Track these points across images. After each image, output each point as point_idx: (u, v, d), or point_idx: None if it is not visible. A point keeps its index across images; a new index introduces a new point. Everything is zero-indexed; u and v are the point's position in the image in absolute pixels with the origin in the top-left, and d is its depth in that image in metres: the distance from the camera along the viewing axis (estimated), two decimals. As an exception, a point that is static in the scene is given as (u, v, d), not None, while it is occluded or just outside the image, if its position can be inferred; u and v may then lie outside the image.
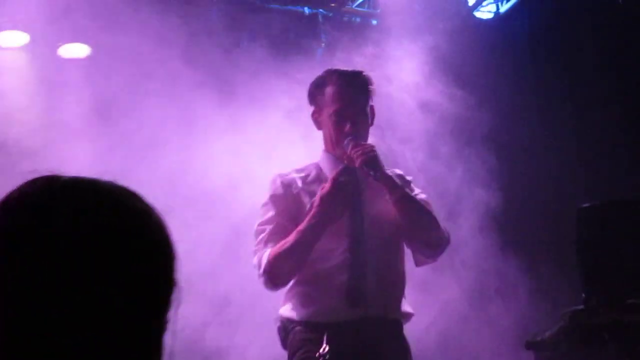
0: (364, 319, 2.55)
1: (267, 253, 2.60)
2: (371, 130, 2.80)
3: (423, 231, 2.65)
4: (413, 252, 2.75)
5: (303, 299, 2.63)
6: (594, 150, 4.42)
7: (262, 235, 2.66)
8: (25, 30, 4.07)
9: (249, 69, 3.92)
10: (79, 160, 3.75)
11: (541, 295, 4.20)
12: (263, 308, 3.32)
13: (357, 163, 2.60)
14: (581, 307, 2.75)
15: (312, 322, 2.58)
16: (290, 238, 2.58)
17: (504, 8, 4.49)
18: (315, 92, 2.79)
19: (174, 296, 0.99)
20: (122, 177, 2.93)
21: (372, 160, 2.60)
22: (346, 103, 2.71)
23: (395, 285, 2.68)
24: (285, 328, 2.65)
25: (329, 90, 2.74)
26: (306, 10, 4.11)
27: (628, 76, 4.21)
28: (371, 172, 2.58)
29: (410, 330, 3.32)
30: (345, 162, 2.69)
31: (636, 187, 3.97)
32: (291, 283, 2.67)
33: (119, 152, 3.81)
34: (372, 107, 2.79)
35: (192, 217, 3.77)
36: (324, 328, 2.51)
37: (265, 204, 2.73)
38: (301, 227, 2.57)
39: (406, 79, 4.12)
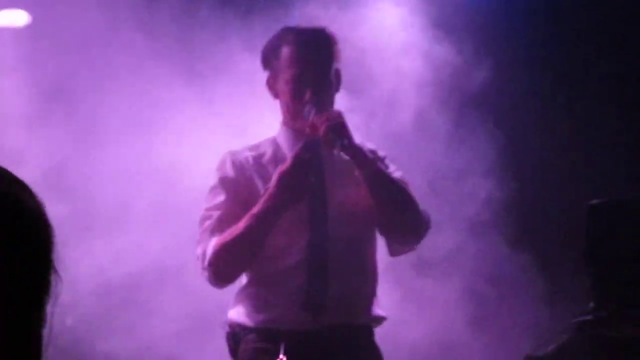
0: (327, 327, 2.54)
1: (212, 242, 2.57)
2: (338, 98, 2.76)
3: (399, 213, 2.61)
4: (387, 240, 2.72)
5: (257, 302, 2.60)
6: (610, 136, 4.50)
7: (209, 222, 2.63)
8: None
9: (212, 37, 3.97)
10: (23, 150, 3.82)
11: (555, 300, 4.27)
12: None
13: (322, 130, 2.53)
14: (589, 317, 2.81)
15: (267, 330, 2.56)
16: (241, 224, 2.53)
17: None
18: (269, 55, 2.76)
19: (53, 282, 1.03)
20: (75, 169, 2.97)
21: (340, 126, 2.55)
22: (305, 66, 2.66)
23: (364, 286, 2.66)
24: (236, 335, 2.63)
25: (285, 51, 2.69)
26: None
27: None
28: (338, 141, 2.52)
29: (409, 340, 3.40)
30: (308, 130, 2.61)
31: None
32: (244, 282, 2.65)
33: (69, 139, 3.84)
34: (337, 71, 2.75)
35: (158, 216, 3.83)
36: (281, 337, 2.51)
37: (214, 188, 2.69)
38: (254, 210, 2.53)
39: (389, 42, 4.15)
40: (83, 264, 3.73)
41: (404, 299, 3.95)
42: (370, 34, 4.11)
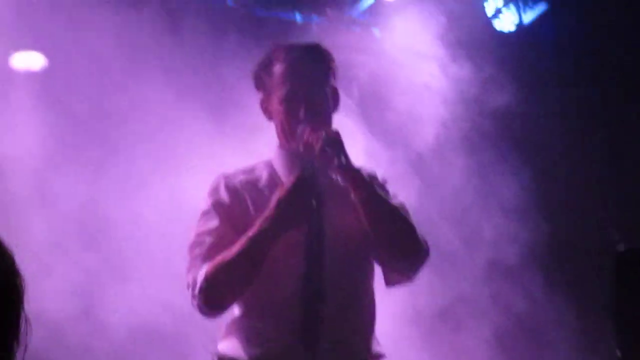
0: None
1: (204, 269, 2.56)
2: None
3: (396, 239, 2.62)
4: (384, 269, 2.74)
5: (249, 334, 2.60)
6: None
7: (200, 248, 2.63)
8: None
9: (234, 85, 4.17)
10: (44, 196, 4.03)
11: (588, 346, 4.40)
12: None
13: (318, 148, 2.53)
14: (616, 366, 2.99)
15: None
16: (235, 248, 2.53)
17: (527, 18, 4.78)
18: (261, 74, 2.76)
19: (23, 329, 1.17)
20: (98, 215, 3.14)
21: (337, 144, 2.55)
22: (299, 83, 2.67)
23: (363, 320, 2.67)
24: None
25: (277, 69, 2.71)
26: (298, 17, 4.38)
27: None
28: (336, 159, 2.52)
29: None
30: (301, 149, 2.60)
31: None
32: (235, 313, 2.68)
33: (91, 184, 4.06)
34: (334, 89, 2.77)
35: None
36: None
37: (206, 212, 2.70)
38: (250, 233, 2.53)
39: (410, 71, 4.35)
40: (112, 309, 3.95)
41: (431, 348, 4.10)
42: (389, 64, 4.35)
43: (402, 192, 2.94)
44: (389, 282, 2.77)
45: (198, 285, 2.55)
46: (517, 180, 4.57)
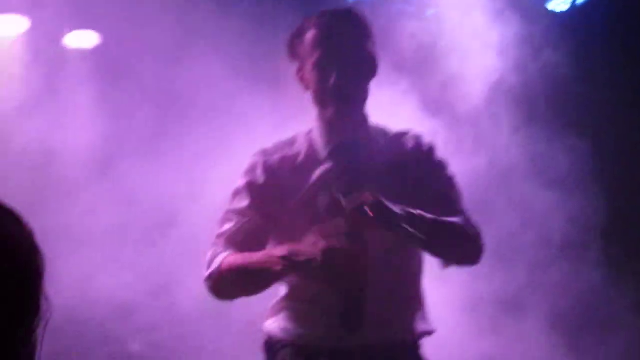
0: (366, 346, 2.65)
1: (221, 257, 2.66)
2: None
3: (456, 260, 2.73)
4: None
5: (293, 316, 2.73)
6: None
7: (228, 226, 2.73)
8: (24, 15, 4.47)
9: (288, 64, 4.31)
10: (108, 181, 4.25)
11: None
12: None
13: (370, 224, 2.49)
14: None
15: (304, 346, 2.70)
16: (255, 259, 2.62)
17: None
18: (295, 43, 2.78)
19: (42, 310, 1.22)
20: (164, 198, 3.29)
21: (385, 212, 2.50)
22: (329, 48, 2.68)
23: (406, 299, 2.74)
24: (272, 347, 2.78)
25: (308, 36, 2.72)
26: (351, -4, 4.46)
27: None
28: (387, 228, 2.52)
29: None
30: (347, 225, 2.52)
31: None
32: (281, 294, 2.77)
33: (154, 166, 4.24)
34: (370, 54, 2.75)
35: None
36: (318, 355, 2.66)
37: (239, 191, 2.76)
38: (269, 262, 2.57)
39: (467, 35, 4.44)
40: (181, 291, 4.12)
41: (491, 335, 4.24)
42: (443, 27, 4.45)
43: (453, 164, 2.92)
44: (444, 266, 2.77)
45: (209, 271, 2.67)
46: (572, 156, 4.61)
